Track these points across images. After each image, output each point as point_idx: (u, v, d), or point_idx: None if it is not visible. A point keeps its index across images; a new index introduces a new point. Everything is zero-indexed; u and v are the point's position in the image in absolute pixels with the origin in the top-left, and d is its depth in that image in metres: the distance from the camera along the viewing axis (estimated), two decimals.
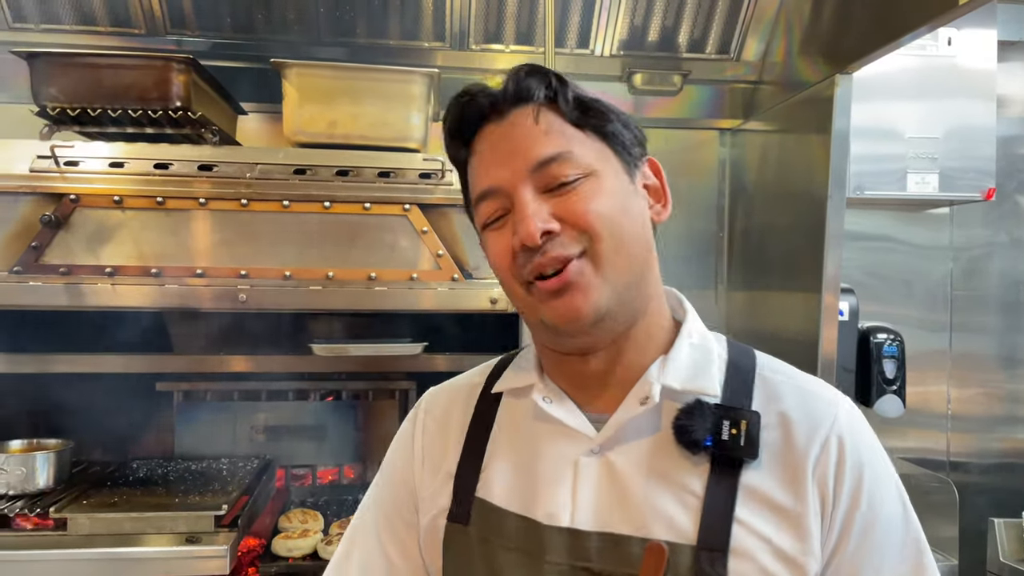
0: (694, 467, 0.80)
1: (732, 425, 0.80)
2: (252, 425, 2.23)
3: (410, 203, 1.79)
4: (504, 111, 0.84)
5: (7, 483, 1.75)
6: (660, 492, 0.80)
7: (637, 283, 0.84)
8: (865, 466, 0.81)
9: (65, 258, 1.69)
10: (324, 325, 2.06)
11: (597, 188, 0.82)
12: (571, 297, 0.80)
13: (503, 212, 0.84)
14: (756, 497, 0.79)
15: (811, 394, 0.86)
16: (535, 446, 0.88)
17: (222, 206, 1.74)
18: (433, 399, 1.01)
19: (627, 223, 0.83)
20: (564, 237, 0.80)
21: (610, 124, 0.85)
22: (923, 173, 2.52)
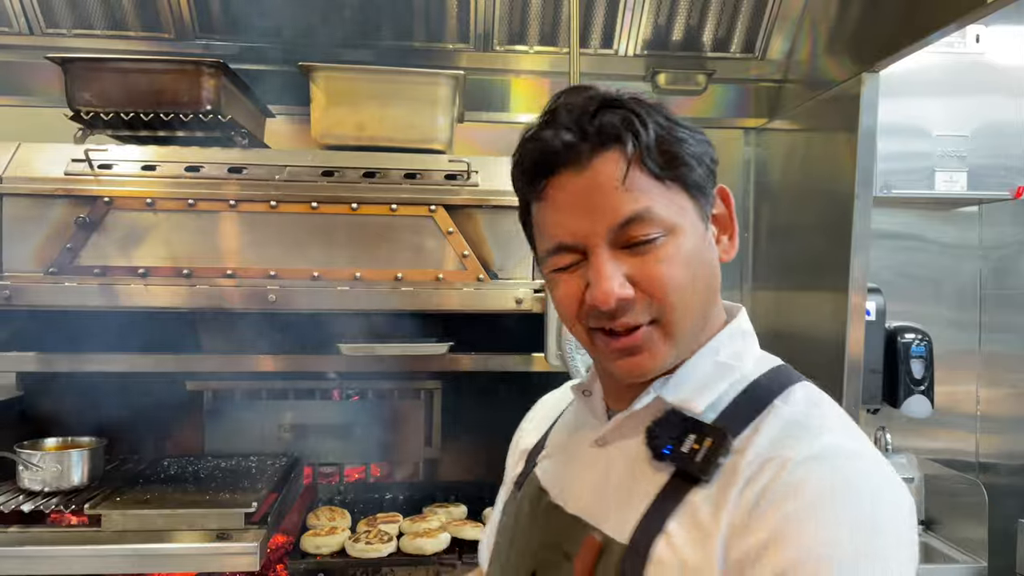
0: (656, 474, 0.80)
1: (696, 440, 0.78)
2: (280, 423, 2.25)
3: (436, 204, 1.80)
4: (584, 159, 0.78)
5: (43, 480, 1.79)
6: (627, 490, 0.82)
7: (700, 329, 0.84)
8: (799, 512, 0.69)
9: (99, 259, 1.73)
10: (351, 325, 2.07)
11: (675, 250, 0.79)
12: (639, 359, 0.81)
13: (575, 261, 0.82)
14: (691, 513, 0.76)
15: (792, 425, 0.77)
16: (573, 433, 0.98)
17: (252, 208, 1.76)
18: (543, 399, 1.15)
19: (699, 282, 0.81)
20: (637, 304, 0.79)
21: (693, 173, 0.81)
22: (951, 171, 2.49)
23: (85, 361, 1.83)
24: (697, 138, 0.82)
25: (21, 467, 1.78)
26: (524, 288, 1.83)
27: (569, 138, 0.78)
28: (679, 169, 0.80)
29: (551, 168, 0.80)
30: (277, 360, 1.91)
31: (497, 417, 2.33)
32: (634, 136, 0.78)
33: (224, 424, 2.22)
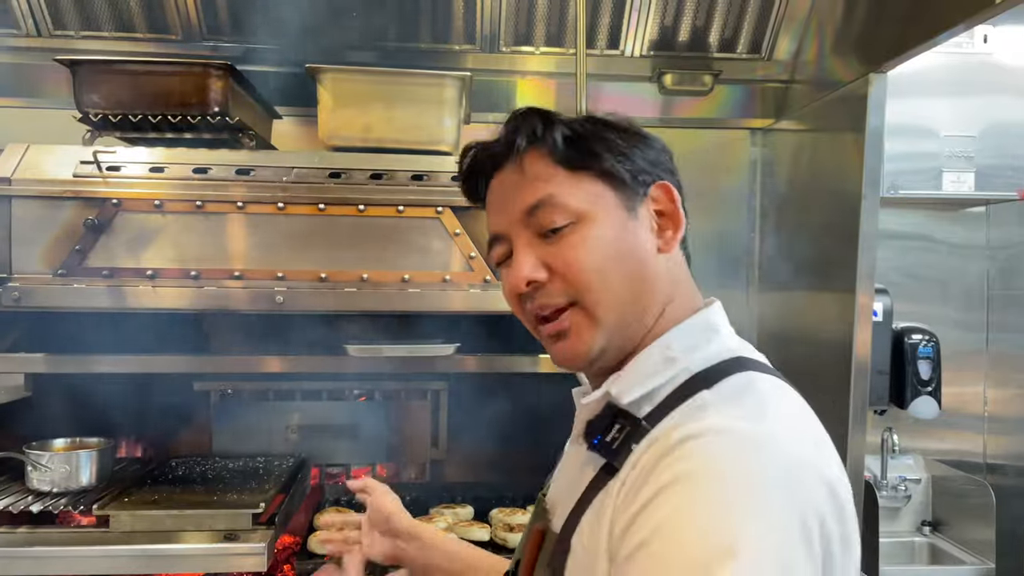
0: (590, 466, 0.83)
1: (618, 429, 0.80)
2: (287, 424, 2.26)
3: (443, 206, 1.80)
4: (501, 163, 0.89)
5: (51, 481, 1.79)
6: (572, 484, 0.87)
7: (638, 317, 0.85)
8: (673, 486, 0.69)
9: (107, 261, 1.73)
10: (358, 326, 2.08)
11: (585, 236, 0.83)
12: (566, 343, 0.85)
13: (507, 253, 0.89)
14: (604, 502, 0.77)
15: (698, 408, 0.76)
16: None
17: (259, 209, 1.77)
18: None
19: (619, 267, 0.83)
20: (551, 287, 0.83)
21: (606, 161, 0.85)
22: (959, 172, 2.49)
23: (93, 362, 1.84)
24: (631, 138, 0.88)
25: (30, 468, 1.79)
26: None
27: (489, 149, 0.90)
28: (588, 159, 0.85)
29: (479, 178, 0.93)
30: (284, 361, 1.91)
31: (504, 418, 2.35)
32: (531, 133, 0.86)
33: (231, 425, 2.23)
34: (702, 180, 2.60)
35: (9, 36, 2.28)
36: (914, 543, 2.58)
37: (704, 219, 2.60)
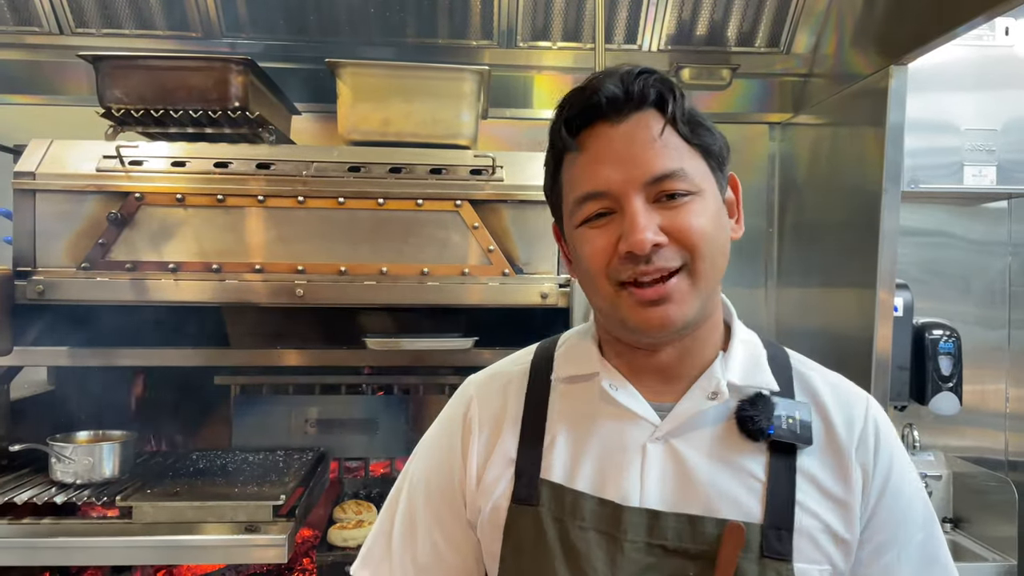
0: (755, 454, 0.87)
1: (788, 415, 0.88)
2: (306, 418, 2.27)
3: (461, 199, 1.81)
4: (624, 113, 0.84)
5: (75, 472, 1.81)
6: (724, 476, 0.87)
7: (715, 292, 0.91)
8: (894, 454, 0.90)
9: (130, 254, 1.75)
10: (376, 320, 2.09)
11: (703, 207, 0.85)
12: (666, 308, 0.84)
13: (606, 212, 0.85)
14: (811, 482, 0.87)
15: (841, 389, 0.94)
16: (599, 430, 0.91)
17: (279, 203, 1.78)
18: (483, 388, 1.01)
19: (721, 240, 0.87)
20: (668, 251, 0.83)
21: (715, 144, 0.88)
22: (980, 165, 2.46)
23: (114, 356, 1.86)
24: (713, 125, 0.89)
25: (54, 459, 1.81)
26: (549, 283, 1.83)
27: (613, 91, 0.84)
28: (705, 139, 0.86)
29: (592, 117, 0.85)
30: (304, 355, 1.92)
31: None
32: (673, 99, 0.84)
33: (251, 419, 2.24)
34: None
35: (31, 34, 2.31)
36: None
37: None
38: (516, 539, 0.90)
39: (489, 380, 1.01)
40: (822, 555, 0.85)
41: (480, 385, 1.01)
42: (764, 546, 0.83)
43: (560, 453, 0.91)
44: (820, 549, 0.85)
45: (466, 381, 1.04)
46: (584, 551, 0.85)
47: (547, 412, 0.95)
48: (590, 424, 0.92)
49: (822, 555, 0.85)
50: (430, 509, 0.98)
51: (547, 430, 0.93)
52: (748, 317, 0.98)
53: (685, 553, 0.84)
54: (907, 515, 0.89)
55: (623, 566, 0.84)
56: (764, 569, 0.82)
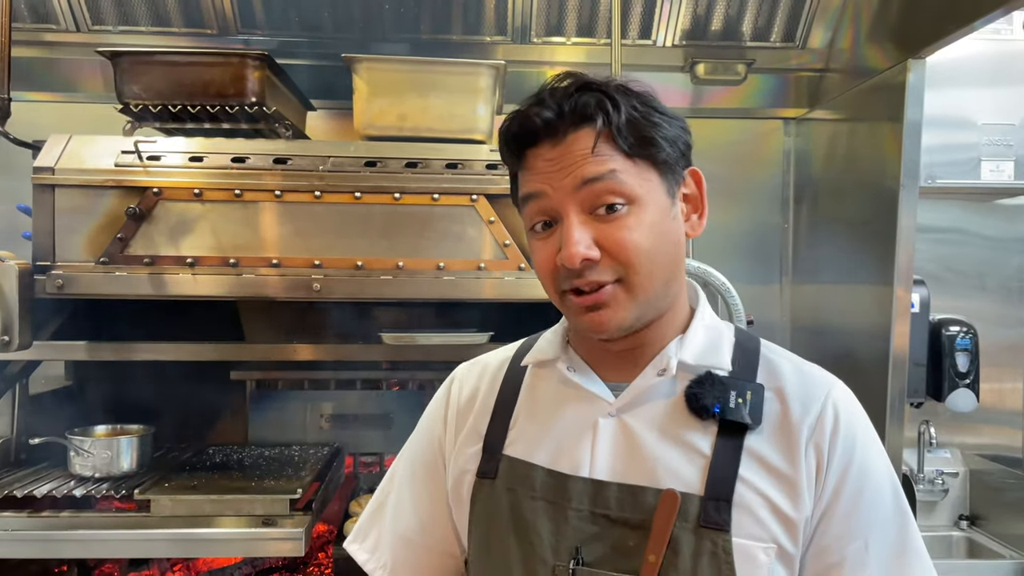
0: (702, 431, 0.90)
1: (738, 395, 0.90)
2: (322, 414, 2.28)
3: (477, 194, 1.81)
4: (561, 132, 0.87)
5: (93, 466, 1.82)
6: (670, 451, 0.90)
7: (663, 295, 0.92)
8: (857, 438, 0.90)
9: (148, 249, 1.76)
10: (392, 316, 2.09)
11: (638, 220, 0.86)
12: (600, 314, 0.88)
13: (549, 220, 0.89)
14: (757, 460, 0.88)
15: (807, 374, 0.95)
16: (559, 409, 0.97)
17: (296, 198, 1.78)
18: (465, 372, 1.10)
19: (661, 250, 0.88)
20: (602, 265, 0.86)
21: (661, 152, 0.88)
22: (998, 160, 2.45)
23: (132, 350, 1.87)
24: (673, 123, 0.90)
25: (72, 453, 1.82)
26: None
27: (549, 115, 0.87)
28: (648, 148, 0.88)
29: (532, 140, 0.89)
30: (319, 349, 1.93)
31: None
32: (605, 115, 0.86)
33: (267, 414, 2.25)
34: (734, 171, 2.58)
35: (48, 31, 2.32)
36: (952, 537, 2.54)
37: (736, 210, 2.58)
38: (478, 511, 0.98)
39: (472, 366, 1.11)
40: (764, 531, 0.86)
41: (464, 370, 1.11)
42: (702, 516, 0.85)
43: (523, 431, 0.99)
44: (762, 525, 0.86)
45: (455, 370, 1.13)
46: (532, 520, 0.92)
47: (518, 395, 1.01)
48: (552, 404, 0.98)
49: (764, 531, 0.86)
50: (415, 485, 1.07)
51: (515, 411, 1.00)
52: (762, 314, 1.00)
53: (626, 523, 0.88)
54: (874, 502, 0.89)
55: (567, 534, 0.90)
56: (700, 538, 0.85)
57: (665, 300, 0.92)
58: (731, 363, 0.93)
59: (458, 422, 1.04)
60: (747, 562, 0.84)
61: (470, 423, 1.02)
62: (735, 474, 0.87)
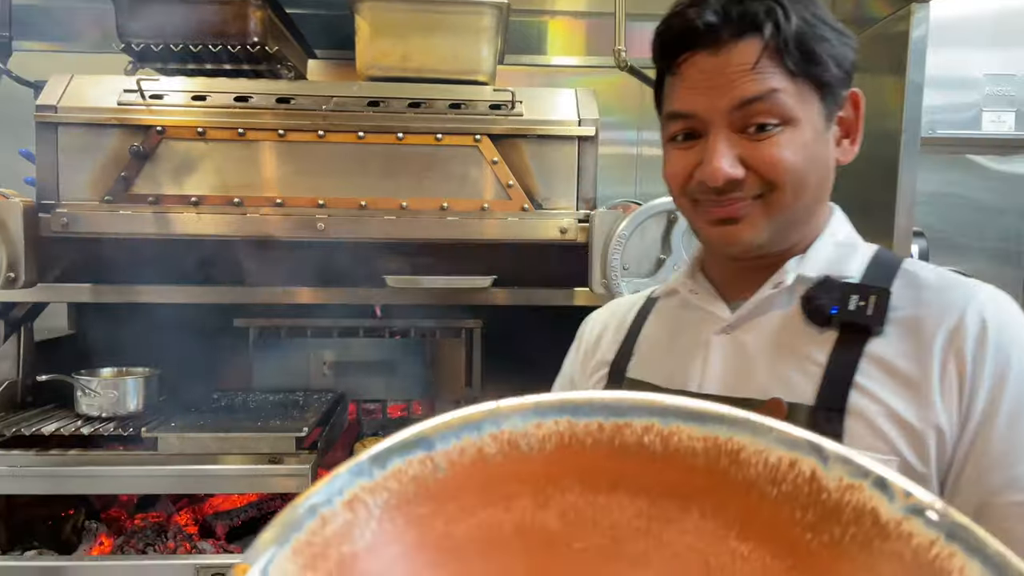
0: (819, 339, 0.83)
1: (861, 298, 0.82)
2: (325, 361, 2.29)
3: (481, 134, 1.81)
4: (722, 42, 0.80)
5: (100, 406, 1.83)
6: (784, 362, 0.84)
7: (803, 220, 0.87)
8: (1015, 344, 0.78)
9: (153, 188, 1.76)
10: (395, 262, 2.09)
11: (791, 140, 0.81)
12: (733, 229, 0.84)
13: (692, 132, 0.84)
14: (879, 365, 0.80)
15: (951, 278, 0.85)
16: (677, 332, 0.96)
17: (299, 137, 1.78)
18: (596, 314, 1.11)
19: (810, 173, 0.83)
20: (746, 183, 0.81)
21: (826, 72, 0.81)
22: (999, 111, 2.45)
23: (135, 293, 1.87)
24: (842, 40, 0.83)
25: (79, 393, 1.83)
26: (568, 218, 1.83)
27: (712, 19, 0.80)
28: (813, 67, 0.80)
29: (689, 45, 0.82)
30: (322, 292, 1.93)
31: (537, 357, 2.36)
32: (774, 25, 0.79)
33: (270, 361, 2.26)
34: None
35: None
36: None
37: None
38: None
39: (603, 308, 1.12)
40: (883, 443, 0.78)
41: (595, 313, 1.12)
42: (812, 426, 0.77)
43: (643, 356, 0.98)
44: (881, 436, 0.78)
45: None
46: None
47: (645, 324, 1.02)
48: (673, 328, 0.97)
49: (883, 443, 0.78)
50: None
51: (639, 339, 1.00)
52: None
53: None
54: None
55: None
56: None
57: (805, 227, 0.88)
58: (861, 275, 0.86)
59: (586, 359, 1.06)
60: None
61: (598, 356, 1.03)
62: (850, 381, 0.80)
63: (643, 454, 0.42)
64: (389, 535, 0.40)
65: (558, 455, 0.43)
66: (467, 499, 0.42)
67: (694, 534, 0.41)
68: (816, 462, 0.40)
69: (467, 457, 0.43)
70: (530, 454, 0.43)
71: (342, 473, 0.42)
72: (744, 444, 0.41)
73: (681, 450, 0.42)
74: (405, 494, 0.41)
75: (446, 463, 0.42)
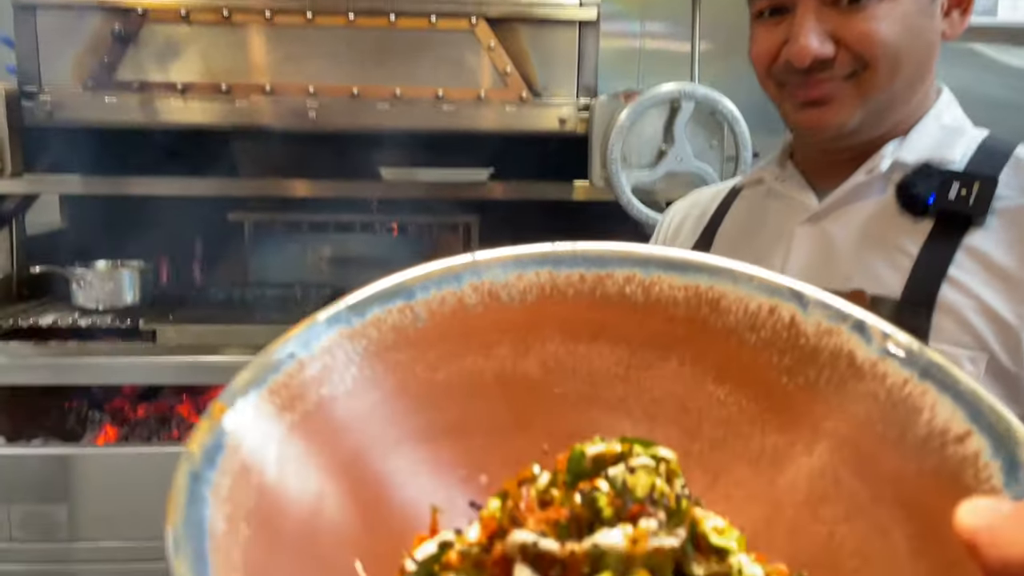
0: (913, 229, 0.78)
1: (963, 186, 0.76)
2: (321, 256, 2.28)
3: (476, 16, 1.73)
4: None
5: (96, 298, 1.83)
6: (871, 254, 0.79)
7: (902, 101, 0.80)
8: None
9: (137, 74, 1.70)
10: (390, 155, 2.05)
11: (888, 11, 0.74)
12: (822, 111, 0.78)
13: (779, 6, 0.78)
14: (975, 258, 0.75)
15: None
16: (760, 222, 0.91)
17: (287, 20, 1.71)
18: (677, 205, 1.06)
19: (911, 50, 0.76)
20: (837, 62, 0.76)
21: None
22: None
23: (125, 184, 1.84)
24: None
25: (74, 285, 1.82)
26: (568, 107, 1.78)
27: None
28: None
29: None
30: (317, 185, 1.90)
31: None
32: None
33: (266, 256, 2.25)
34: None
35: None
36: None
37: None
38: None
39: (684, 199, 1.06)
40: (972, 338, 0.73)
41: (676, 204, 1.07)
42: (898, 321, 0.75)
43: (722, 247, 0.93)
44: (970, 330, 0.73)
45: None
46: None
47: (727, 214, 0.96)
48: (756, 218, 0.92)
49: (972, 338, 0.73)
50: None
51: (720, 230, 0.95)
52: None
53: None
54: None
55: None
56: None
57: (905, 109, 0.81)
58: (967, 162, 0.79)
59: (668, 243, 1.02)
60: None
61: (678, 243, 0.99)
62: (943, 274, 0.74)
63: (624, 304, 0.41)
64: (369, 380, 0.39)
65: (539, 306, 0.42)
66: (448, 347, 0.41)
67: (673, 380, 0.41)
68: (796, 308, 0.39)
69: (447, 307, 0.42)
70: (511, 305, 0.42)
71: (320, 321, 0.41)
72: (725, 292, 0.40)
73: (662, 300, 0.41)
74: (385, 342, 0.41)
75: (426, 313, 0.41)
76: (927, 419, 0.35)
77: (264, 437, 0.34)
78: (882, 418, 0.36)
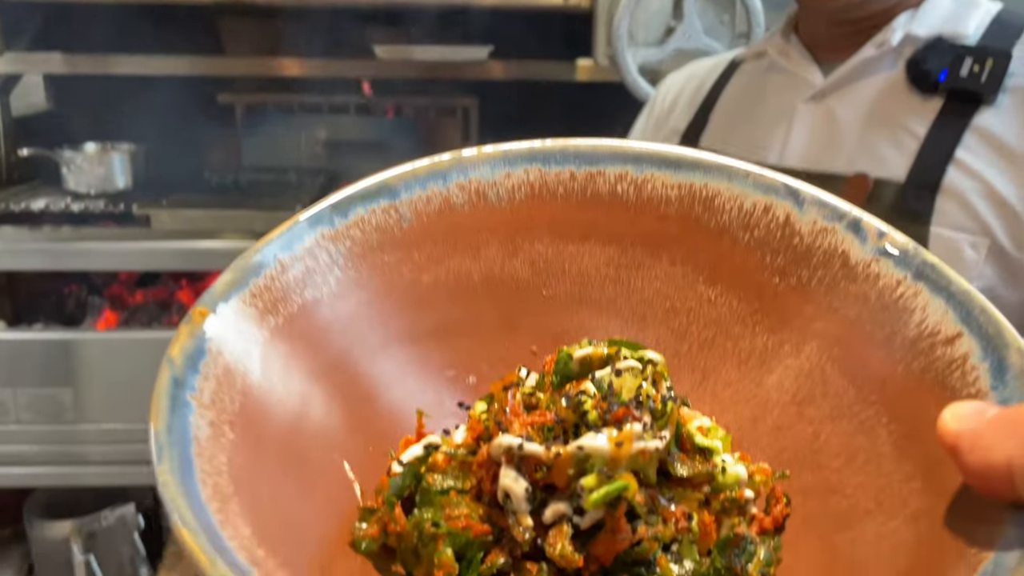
0: (922, 108, 0.75)
1: (975, 63, 0.72)
2: (315, 140, 2.22)
3: None
4: None
5: (88, 183, 1.80)
6: (876, 134, 0.77)
7: None
8: None
9: None
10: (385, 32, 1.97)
11: None
12: None
13: None
14: (984, 138, 0.72)
15: None
16: (760, 97, 0.88)
17: None
18: (672, 78, 1.03)
19: None
20: None
21: None
22: None
23: (109, 63, 1.78)
24: None
25: (65, 168, 1.79)
26: None
27: None
28: None
29: None
30: (307, 64, 1.83)
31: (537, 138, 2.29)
32: None
33: (259, 140, 2.19)
34: None
35: None
36: None
37: None
38: None
39: (680, 71, 1.03)
40: (975, 222, 0.71)
41: (671, 76, 1.03)
42: (900, 205, 0.72)
43: (719, 123, 0.90)
44: (972, 214, 0.71)
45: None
46: None
47: (725, 88, 0.93)
48: (756, 93, 0.89)
49: (975, 222, 0.71)
50: None
51: (718, 105, 0.92)
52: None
53: None
54: None
55: None
56: None
57: None
58: (980, 35, 0.76)
59: (657, 127, 0.98)
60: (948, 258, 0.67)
61: (670, 124, 0.95)
62: (949, 156, 0.72)
63: (615, 203, 0.40)
64: (353, 282, 0.39)
65: (528, 205, 0.40)
66: (434, 248, 0.40)
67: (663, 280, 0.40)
68: (791, 206, 0.38)
69: (433, 207, 0.40)
70: (499, 205, 0.41)
71: (300, 222, 0.40)
72: (719, 190, 0.39)
73: (654, 198, 0.40)
74: (369, 243, 0.39)
75: (411, 213, 0.40)
76: (918, 320, 0.34)
77: (247, 341, 0.34)
78: (872, 319, 0.36)
